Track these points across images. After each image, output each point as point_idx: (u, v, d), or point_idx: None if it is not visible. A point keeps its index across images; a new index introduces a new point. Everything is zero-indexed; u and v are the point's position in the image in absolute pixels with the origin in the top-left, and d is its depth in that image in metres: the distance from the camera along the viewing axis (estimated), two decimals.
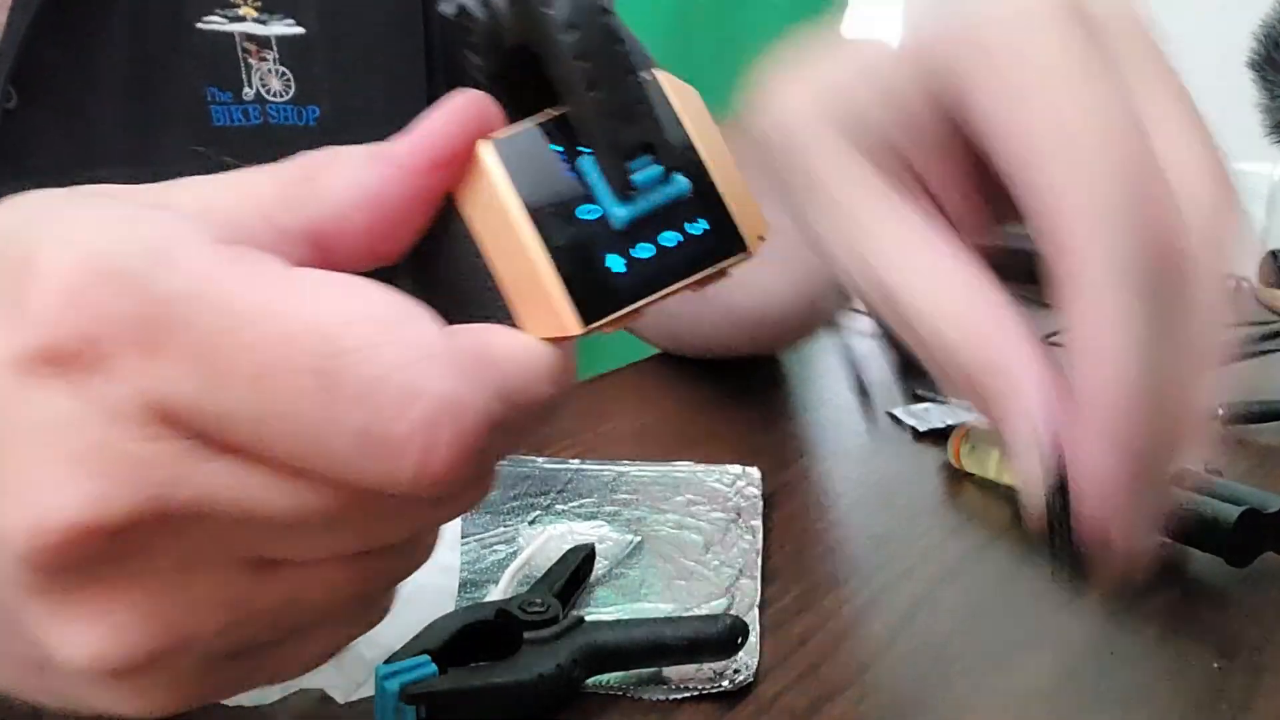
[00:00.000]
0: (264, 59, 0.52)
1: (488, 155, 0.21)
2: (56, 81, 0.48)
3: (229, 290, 0.18)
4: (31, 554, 0.19)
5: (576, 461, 0.49)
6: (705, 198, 0.22)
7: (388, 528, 0.21)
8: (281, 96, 0.53)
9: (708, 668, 0.33)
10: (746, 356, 0.67)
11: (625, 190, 0.22)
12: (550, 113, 0.22)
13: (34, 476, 0.18)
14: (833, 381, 0.67)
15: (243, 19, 0.52)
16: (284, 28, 0.53)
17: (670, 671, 0.33)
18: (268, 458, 0.19)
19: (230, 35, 0.51)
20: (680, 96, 0.23)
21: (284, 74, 0.53)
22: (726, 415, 0.58)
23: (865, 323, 0.74)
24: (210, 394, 0.18)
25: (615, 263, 0.21)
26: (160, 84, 0.50)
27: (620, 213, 0.22)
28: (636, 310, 0.22)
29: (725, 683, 0.33)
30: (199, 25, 0.51)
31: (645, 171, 0.22)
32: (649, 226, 0.22)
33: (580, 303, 0.21)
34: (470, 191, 0.22)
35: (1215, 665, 0.35)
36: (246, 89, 0.52)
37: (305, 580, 0.21)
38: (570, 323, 0.21)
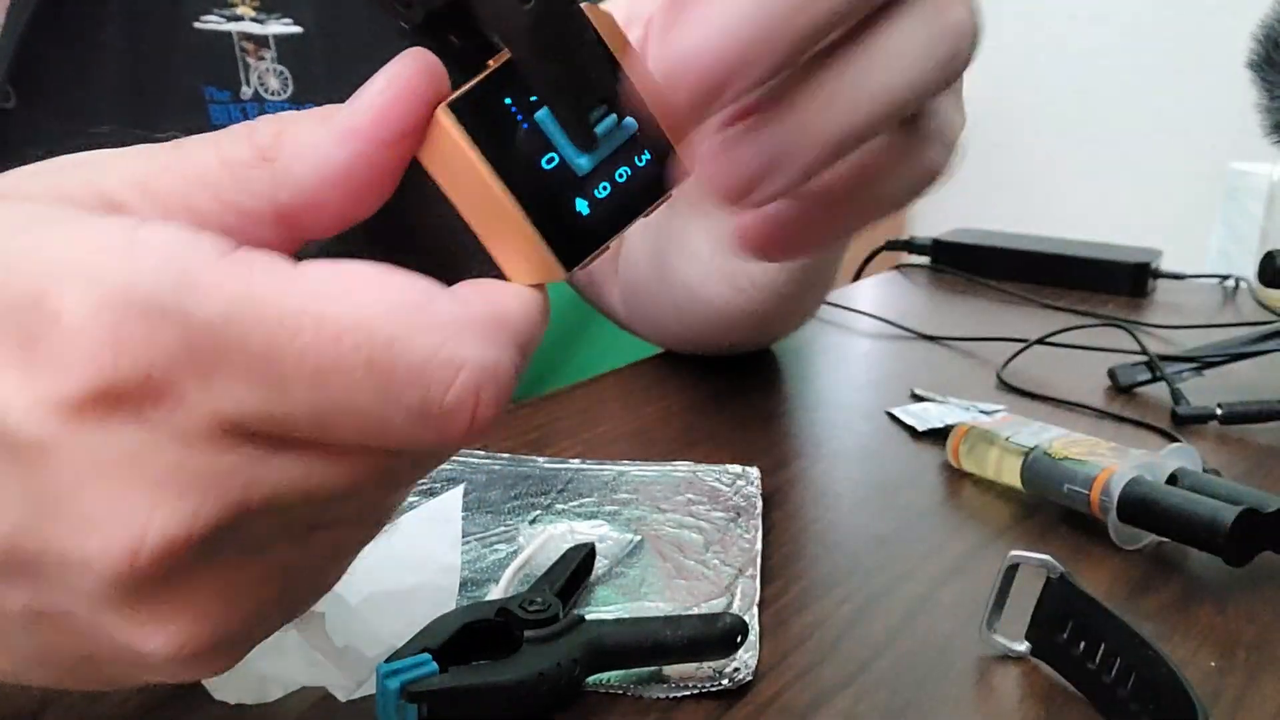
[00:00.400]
0: (262, 58, 0.52)
1: (453, 122, 0.21)
2: (54, 80, 0.48)
3: (266, 302, 0.19)
4: (123, 575, 0.20)
5: (577, 461, 0.49)
6: (644, 127, 0.23)
7: (417, 474, 0.24)
8: (280, 95, 0.53)
9: (707, 666, 0.33)
10: (739, 352, 0.67)
11: (589, 144, 0.22)
12: (492, 65, 0.22)
13: (123, 505, 0.19)
14: (833, 381, 0.68)
15: (240, 18, 0.52)
16: (281, 27, 0.53)
17: (670, 670, 0.33)
18: (324, 447, 0.20)
19: (228, 34, 0.52)
20: (603, 26, 0.23)
21: (282, 73, 0.53)
22: (726, 415, 0.58)
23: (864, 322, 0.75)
24: (273, 401, 0.19)
25: (582, 206, 0.23)
26: (158, 83, 0.50)
27: (583, 162, 0.23)
28: (607, 246, 0.23)
29: (725, 681, 0.33)
30: (196, 24, 0.51)
31: (604, 123, 0.23)
32: (605, 167, 0.23)
33: (558, 249, 0.22)
34: (436, 155, 0.22)
35: (1212, 664, 0.35)
36: (245, 88, 0.52)
37: (343, 536, 0.23)
38: (555, 269, 0.22)
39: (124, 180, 0.22)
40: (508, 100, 0.22)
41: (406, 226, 0.23)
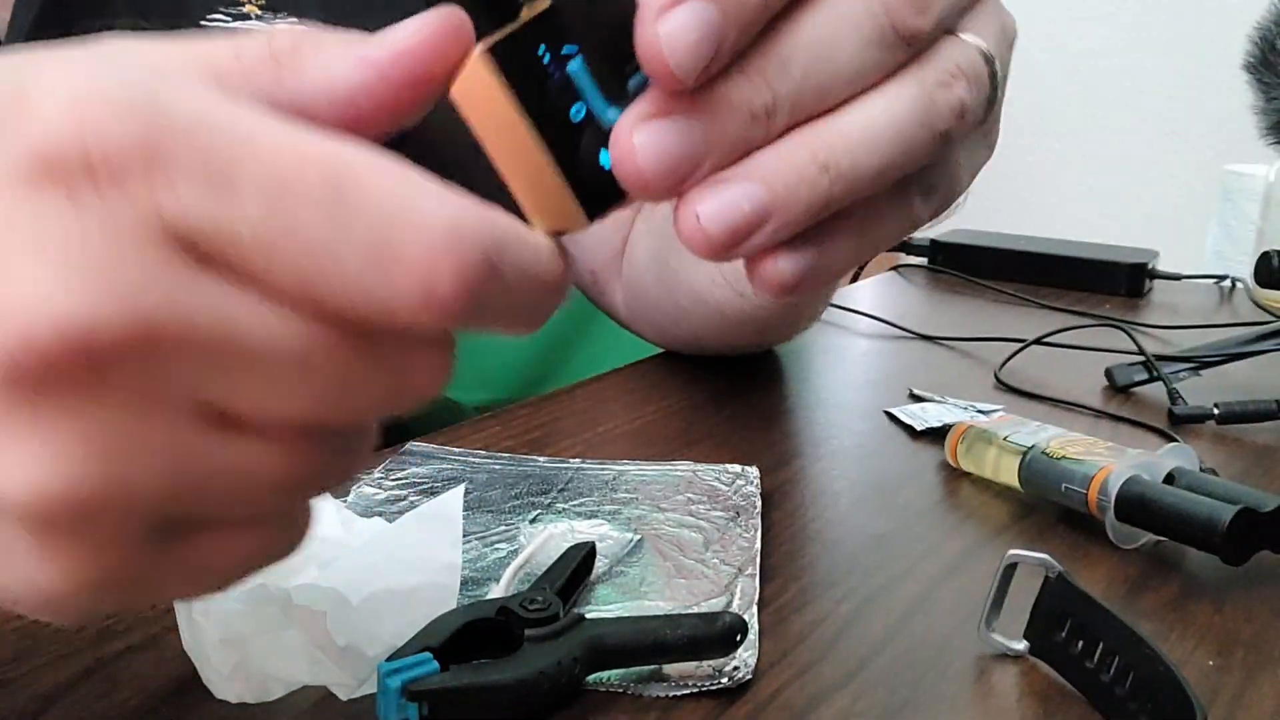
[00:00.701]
0: None
1: (490, 65, 0.22)
2: None
3: (235, 115, 0.19)
4: (8, 361, 0.18)
5: (577, 461, 0.49)
6: None
7: (353, 389, 0.21)
8: None
9: (707, 665, 0.33)
10: (740, 353, 0.67)
11: (620, 98, 0.23)
12: (528, 14, 0.22)
13: (27, 280, 0.18)
14: (831, 381, 0.68)
15: (247, 16, 0.52)
16: (288, 26, 0.53)
17: (670, 668, 0.33)
18: (268, 281, 0.19)
19: (235, 32, 0.52)
20: None
21: None
22: (726, 415, 0.58)
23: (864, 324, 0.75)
24: (221, 212, 0.18)
25: (605, 160, 0.23)
26: None
27: (612, 115, 0.23)
28: (626, 203, 0.23)
29: (724, 680, 0.33)
30: (203, 23, 0.51)
31: (635, 78, 0.23)
32: None
33: (582, 198, 0.23)
34: (470, 96, 0.22)
35: (1210, 663, 0.36)
36: None
37: (252, 449, 0.21)
38: (579, 218, 0.23)
39: (133, 60, 0.21)
40: (542, 49, 0.22)
41: (434, 164, 0.23)
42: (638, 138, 0.22)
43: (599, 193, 0.23)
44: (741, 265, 0.25)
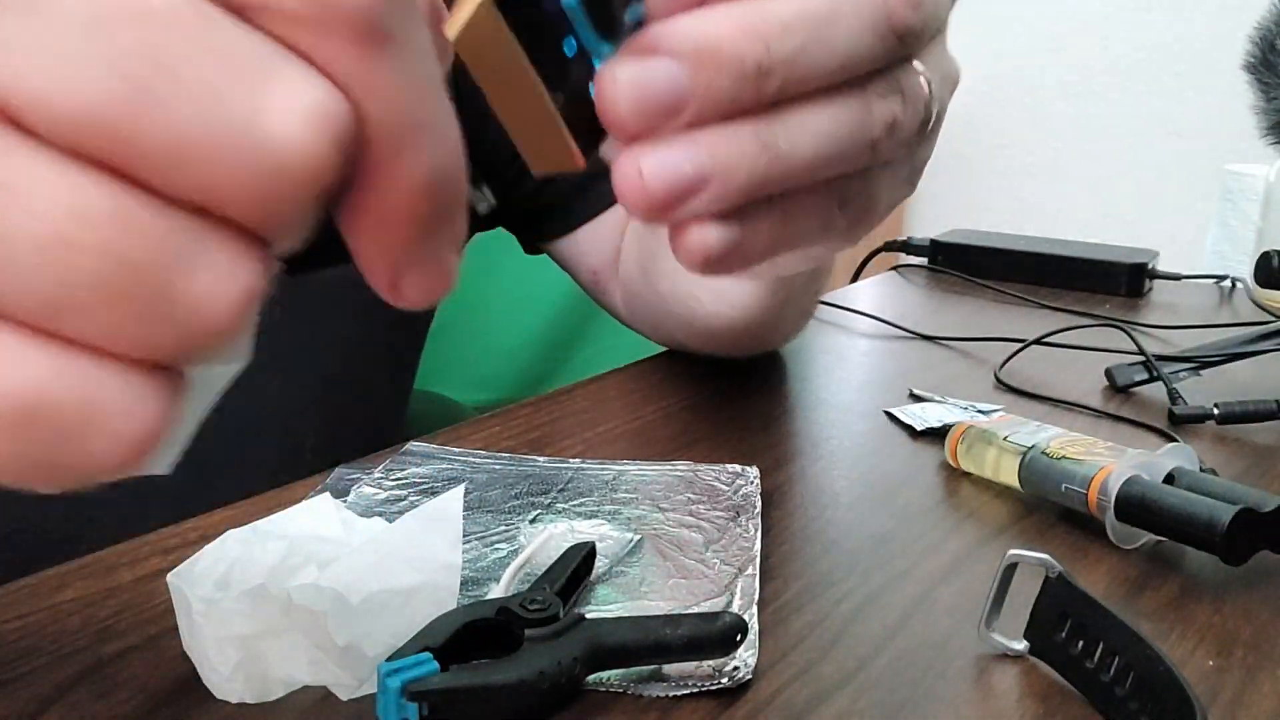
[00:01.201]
0: None
1: (493, 12, 0.22)
2: None
3: None
4: None
5: (577, 461, 0.49)
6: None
7: (179, 79, 0.16)
8: None
9: (707, 665, 0.33)
10: (734, 357, 0.67)
11: (615, 32, 0.22)
12: None
13: None
14: (832, 381, 0.68)
15: None
16: None
17: (670, 668, 0.33)
18: None
19: None
20: None
21: None
22: (726, 415, 0.58)
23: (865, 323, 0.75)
24: None
25: (593, 91, 0.22)
26: None
27: (606, 50, 0.23)
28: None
29: (724, 680, 0.33)
30: None
31: (632, 11, 0.23)
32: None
33: (577, 136, 0.23)
34: (473, 44, 0.22)
35: (1210, 663, 0.36)
36: None
37: (34, 163, 0.16)
38: (577, 156, 0.23)
39: None
40: None
41: None
42: (621, 74, 0.21)
43: (594, 129, 0.23)
44: (702, 280, 0.25)
